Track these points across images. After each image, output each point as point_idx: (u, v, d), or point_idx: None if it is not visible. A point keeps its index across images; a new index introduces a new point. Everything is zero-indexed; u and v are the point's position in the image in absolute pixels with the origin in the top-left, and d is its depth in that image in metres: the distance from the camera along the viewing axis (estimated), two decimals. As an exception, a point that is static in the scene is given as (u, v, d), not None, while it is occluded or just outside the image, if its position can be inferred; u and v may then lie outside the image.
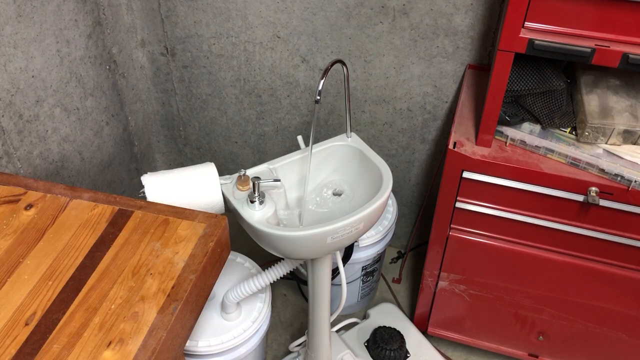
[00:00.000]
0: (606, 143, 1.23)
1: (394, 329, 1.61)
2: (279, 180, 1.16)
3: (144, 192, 1.13)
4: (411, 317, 1.79)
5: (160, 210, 0.97)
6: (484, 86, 1.44)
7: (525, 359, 1.65)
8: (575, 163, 1.23)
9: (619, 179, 1.20)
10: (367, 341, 1.63)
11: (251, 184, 1.13)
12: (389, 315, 1.74)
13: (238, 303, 1.38)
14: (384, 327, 1.62)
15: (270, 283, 1.34)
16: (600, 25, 1.05)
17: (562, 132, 1.27)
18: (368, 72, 1.59)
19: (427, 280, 1.58)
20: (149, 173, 1.14)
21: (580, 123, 1.23)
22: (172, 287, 0.84)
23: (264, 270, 1.34)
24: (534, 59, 1.21)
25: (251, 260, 1.52)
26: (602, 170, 1.21)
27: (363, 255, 1.64)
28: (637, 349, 1.49)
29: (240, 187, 1.16)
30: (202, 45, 1.68)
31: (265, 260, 1.68)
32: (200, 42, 1.67)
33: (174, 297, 0.83)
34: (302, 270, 1.64)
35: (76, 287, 0.84)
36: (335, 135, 1.34)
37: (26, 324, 0.79)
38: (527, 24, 1.07)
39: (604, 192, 1.21)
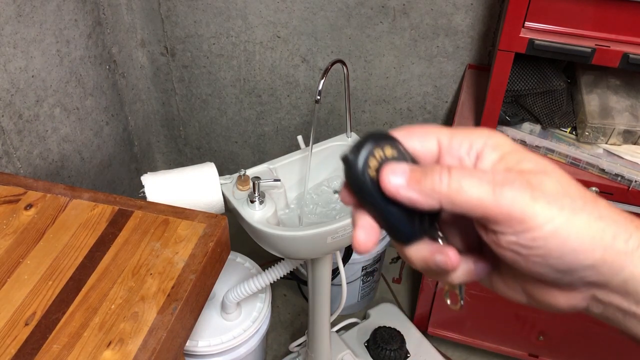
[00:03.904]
0: (606, 143, 1.23)
1: (394, 329, 1.61)
2: (279, 180, 1.16)
3: (143, 192, 1.13)
4: (411, 317, 1.79)
5: (160, 210, 0.97)
6: (484, 86, 1.44)
7: (525, 359, 1.65)
8: (575, 163, 1.23)
9: (619, 179, 1.20)
10: (367, 341, 1.63)
11: (251, 184, 1.13)
12: (389, 315, 1.74)
13: (238, 303, 1.38)
14: (384, 327, 1.62)
15: (271, 283, 1.34)
16: (601, 25, 1.04)
17: (562, 132, 1.27)
18: (368, 72, 1.59)
19: (427, 280, 1.58)
20: (149, 173, 1.14)
21: (581, 123, 1.23)
22: (172, 287, 0.84)
23: (264, 270, 1.34)
24: (534, 59, 1.20)
25: (251, 261, 1.52)
26: (603, 170, 1.20)
27: (363, 255, 1.64)
28: (638, 349, 1.48)
29: (240, 187, 1.16)
30: (202, 45, 1.68)
31: (265, 260, 1.68)
32: (200, 42, 1.67)
33: (174, 297, 0.83)
34: (302, 271, 1.64)
35: (76, 287, 0.84)
36: (335, 135, 1.34)
37: (26, 324, 0.79)
38: (527, 23, 1.07)
39: (604, 192, 1.21)
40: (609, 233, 0.34)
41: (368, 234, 0.38)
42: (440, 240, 0.39)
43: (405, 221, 0.38)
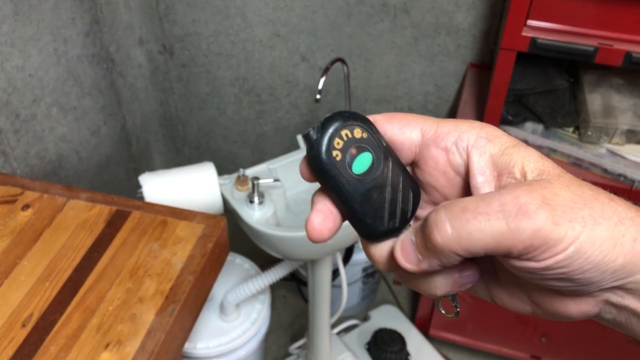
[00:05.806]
0: (609, 143, 1.22)
1: (395, 331, 1.60)
2: (278, 180, 1.15)
3: (142, 193, 1.12)
4: (412, 318, 1.78)
5: (159, 210, 0.96)
6: (486, 85, 1.43)
7: (526, 361, 1.64)
8: (578, 163, 1.22)
9: (622, 179, 1.19)
10: (368, 343, 1.62)
11: (250, 184, 1.12)
12: (389, 317, 1.73)
13: (237, 305, 1.37)
14: (385, 329, 1.61)
15: (270, 284, 1.33)
16: (603, 24, 1.04)
17: (564, 132, 1.26)
18: (369, 70, 1.58)
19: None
20: (147, 173, 1.13)
21: (583, 122, 1.22)
22: (171, 289, 0.83)
23: (263, 271, 1.33)
24: (537, 58, 1.19)
25: (250, 262, 1.51)
26: (605, 171, 1.20)
27: (364, 256, 1.62)
28: (640, 350, 1.48)
29: (240, 187, 1.15)
30: (201, 44, 1.67)
31: (265, 261, 1.67)
32: (198, 40, 1.66)
33: (172, 299, 0.82)
34: (302, 272, 1.63)
35: (74, 288, 0.83)
36: (336, 134, 1.33)
37: (23, 326, 0.78)
38: (529, 22, 1.06)
39: (607, 192, 1.20)
40: (629, 237, 0.31)
41: (325, 220, 0.34)
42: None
43: (372, 214, 0.33)
